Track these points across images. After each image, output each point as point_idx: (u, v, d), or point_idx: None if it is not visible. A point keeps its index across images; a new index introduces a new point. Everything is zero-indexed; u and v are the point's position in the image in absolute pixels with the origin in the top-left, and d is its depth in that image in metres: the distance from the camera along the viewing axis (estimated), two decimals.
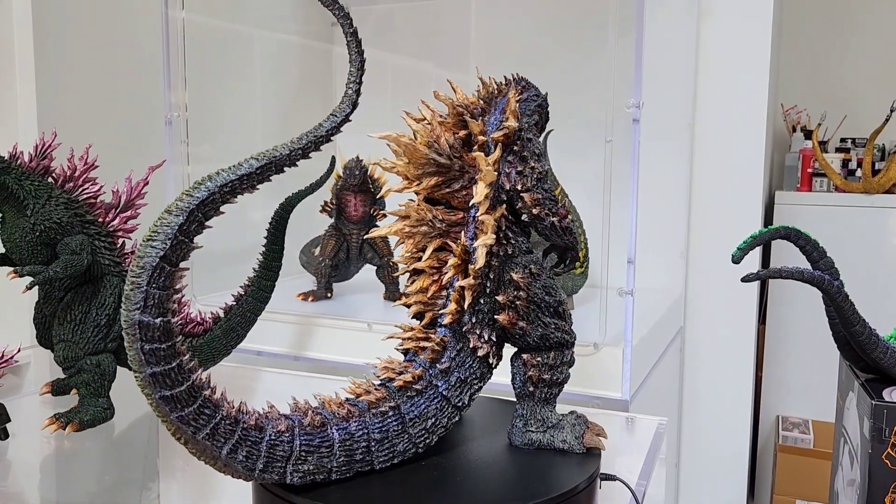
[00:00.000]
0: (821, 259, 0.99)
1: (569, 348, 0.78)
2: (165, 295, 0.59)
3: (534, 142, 0.78)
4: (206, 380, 0.63)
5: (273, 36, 1.90)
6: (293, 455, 0.66)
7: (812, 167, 2.40)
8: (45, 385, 1.08)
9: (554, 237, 0.80)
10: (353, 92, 0.68)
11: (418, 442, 0.72)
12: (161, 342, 0.59)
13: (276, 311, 1.34)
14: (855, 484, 0.94)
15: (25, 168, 0.96)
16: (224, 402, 0.63)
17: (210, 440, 0.62)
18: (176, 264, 0.59)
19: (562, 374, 0.78)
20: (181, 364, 0.60)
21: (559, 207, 0.78)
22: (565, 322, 0.77)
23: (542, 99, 0.84)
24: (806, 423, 2.24)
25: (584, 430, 0.77)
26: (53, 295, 1.00)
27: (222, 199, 0.62)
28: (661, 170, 1.80)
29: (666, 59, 1.75)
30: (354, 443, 0.68)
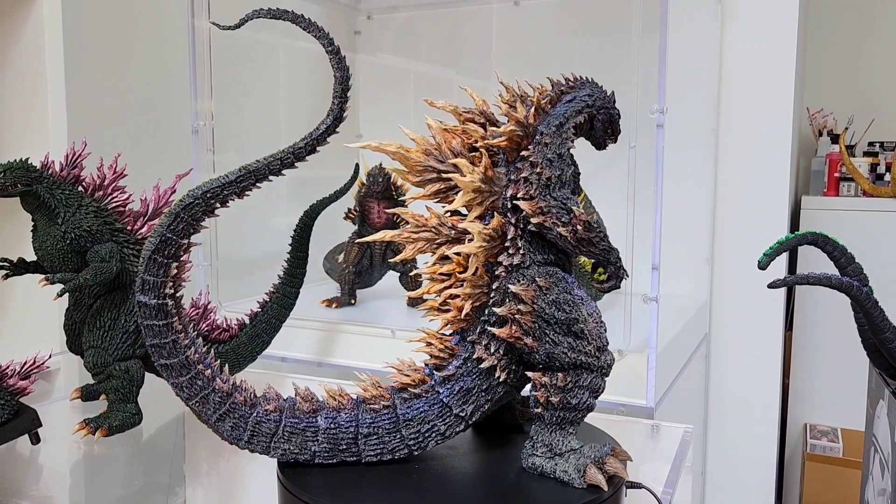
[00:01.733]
0: (849, 265, 0.98)
1: (588, 372, 0.72)
2: (159, 281, 0.71)
3: (552, 146, 0.74)
4: (210, 360, 0.74)
5: (297, 45, 1.92)
6: (277, 433, 0.73)
7: (839, 171, 2.36)
8: (75, 390, 1.10)
9: (571, 249, 0.75)
10: (336, 107, 0.74)
11: (411, 444, 0.74)
12: (157, 319, 0.72)
13: (300, 318, 1.35)
14: (886, 493, 0.93)
15: (56, 177, 0.97)
16: (219, 378, 0.74)
17: (200, 407, 0.73)
18: (168, 256, 0.71)
19: (576, 399, 0.71)
20: (177, 340, 0.73)
21: (573, 217, 0.73)
22: (585, 342, 0.71)
23: (595, 99, 0.79)
24: (835, 432, 2.20)
25: (588, 463, 0.70)
26: (83, 302, 1.02)
27: (206, 205, 0.72)
28: (686, 175, 1.79)
29: (690, 64, 1.74)
30: (341, 433, 0.73)
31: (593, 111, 0.79)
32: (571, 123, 0.77)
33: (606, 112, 0.80)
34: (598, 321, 0.73)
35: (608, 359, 0.73)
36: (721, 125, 1.89)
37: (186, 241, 0.72)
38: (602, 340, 0.73)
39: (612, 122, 0.81)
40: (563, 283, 0.73)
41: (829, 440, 2.15)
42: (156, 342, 0.72)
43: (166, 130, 1.76)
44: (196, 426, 1.18)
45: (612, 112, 0.80)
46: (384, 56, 2.06)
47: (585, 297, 0.74)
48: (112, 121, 1.66)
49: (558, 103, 0.77)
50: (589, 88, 0.80)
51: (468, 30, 1.97)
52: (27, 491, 0.92)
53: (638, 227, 1.26)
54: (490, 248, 0.73)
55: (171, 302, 0.72)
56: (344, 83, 0.74)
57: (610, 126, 0.81)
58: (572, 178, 0.76)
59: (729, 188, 1.90)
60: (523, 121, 0.74)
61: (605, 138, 0.82)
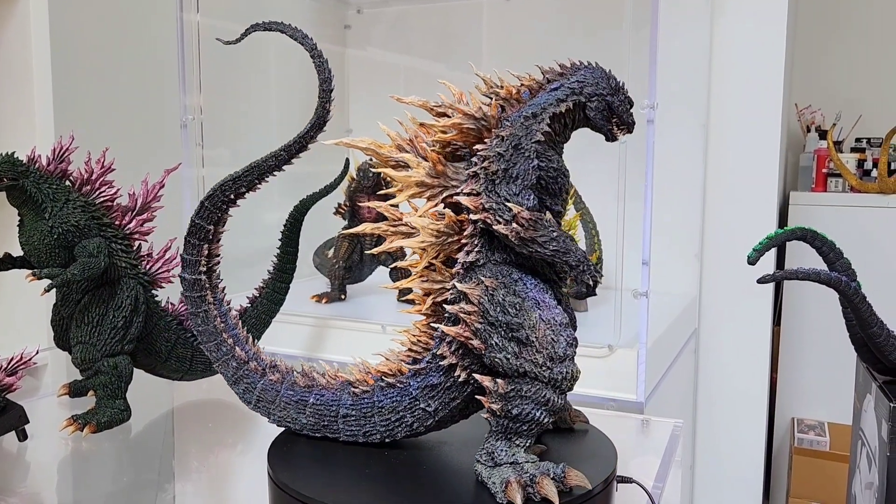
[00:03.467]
0: (837, 260, 0.98)
1: (532, 382, 0.67)
2: (194, 260, 0.85)
3: (510, 138, 0.71)
4: (236, 331, 0.87)
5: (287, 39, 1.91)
6: (276, 402, 0.82)
7: (827, 167, 2.38)
8: (63, 386, 1.09)
9: (517, 249, 0.70)
10: (323, 110, 0.82)
11: (382, 430, 0.77)
12: (193, 292, 0.86)
13: (290, 314, 1.34)
14: (873, 487, 0.94)
15: (43, 171, 0.97)
16: (238, 347, 0.85)
17: (222, 369, 0.86)
18: (200, 239, 0.85)
19: (517, 409, 0.67)
20: (208, 311, 0.86)
21: (515, 215, 0.69)
22: (531, 350, 0.67)
23: (584, 86, 0.73)
24: (822, 426, 2.22)
25: (511, 479, 0.66)
26: (71, 297, 1.01)
27: (223, 195, 0.84)
28: (676, 170, 1.79)
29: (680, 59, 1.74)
30: (326, 410, 0.79)
31: (581, 99, 0.73)
32: (548, 113, 0.72)
33: (601, 100, 0.73)
34: (556, 329, 0.68)
35: (563, 371, 0.68)
36: (710, 121, 1.90)
37: (212, 226, 0.85)
38: (555, 350, 0.68)
39: (612, 111, 0.74)
40: (514, 284, 0.70)
41: (817, 434, 2.17)
42: (192, 311, 0.86)
43: (154, 125, 1.74)
44: (185, 422, 1.18)
45: (609, 99, 0.73)
46: (374, 51, 2.06)
47: (545, 301, 0.69)
48: (100, 115, 1.65)
49: (541, 92, 0.74)
50: (581, 74, 0.74)
51: (459, 24, 1.96)
52: (14, 488, 0.91)
53: (628, 222, 1.27)
54: (444, 244, 0.72)
55: (204, 278, 0.86)
56: (328, 89, 0.82)
57: (612, 115, 0.74)
58: (531, 172, 0.71)
59: (718, 184, 1.90)
60: (473, 113, 0.72)
61: (609, 129, 0.75)
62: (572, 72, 0.74)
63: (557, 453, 0.77)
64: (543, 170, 0.72)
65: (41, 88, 1.32)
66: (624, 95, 0.75)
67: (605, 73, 0.75)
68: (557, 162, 0.73)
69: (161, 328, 1.07)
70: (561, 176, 0.73)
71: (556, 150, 0.74)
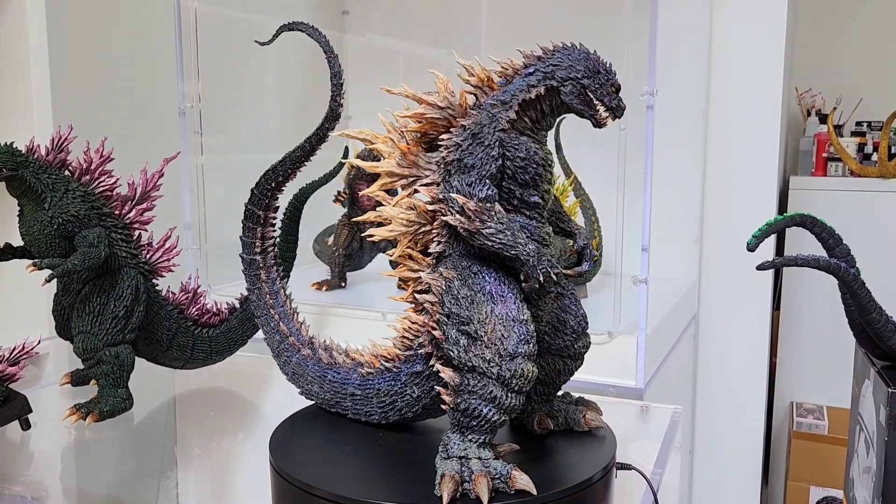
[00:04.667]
0: (836, 246, 0.98)
1: (481, 378, 0.66)
2: (249, 241, 0.94)
3: (470, 127, 0.69)
4: (285, 308, 0.93)
5: None
6: (305, 376, 0.87)
7: (827, 152, 2.37)
8: (65, 375, 1.10)
9: (469, 240, 0.69)
10: (335, 103, 0.91)
11: (379, 412, 0.80)
12: (249, 270, 0.95)
13: None
14: (871, 471, 0.94)
15: (43, 161, 0.96)
16: (282, 322, 0.91)
17: (268, 342, 0.93)
18: (254, 223, 0.94)
19: (465, 404, 0.66)
20: (261, 288, 0.94)
21: (462, 207, 0.67)
22: (480, 345, 0.66)
23: (557, 69, 0.70)
24: (820, 410, 2.23)
25: (447, 474, 0.65)
26: (72, 287, 1.01)
27: (266, 183, 0.92)
28: (675, 156, 1.79)
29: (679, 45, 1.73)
30: (339, 388, 0.83)
31: (553, 83, 0.70)
32: (518, 100, 0.71)
33: (575, 83, 0.70)
34: (508, 324, 0.66)
35: (513, 369, 0.65)
36: (710, 106, 1.89)
37: (262, 211, 0.93)
38: (505, 346, 0.66)
39: (589, 95, 0.70)
40: (471, 277, 0.69)
41: (815, 418, 2.18)
42: (248, 287, 0.95)
43: (153, 113, 1.74)
44: (187, 410, 1.19)
45: (584, 83, 0.69)
46: (372, 36, 2.04)
47: (502, 295, 0.68)
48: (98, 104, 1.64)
49: (516, 77, 0.72)
50: (557, 58, 0.71)
51: (458, 9, 1.95)
52: (18, 477, 0.92)
53: (627, 208, 1.26)
54: (417, 234, 0.73)
55: (259, 258, 0.94)
56: (340, 84, 0.91)
57: (591, 99, 0.70)
58: (489, 161, 0.69)
59: (718, 169, 1.90)
60: (438, 103, 0.71)
61: (591, 114, 0.71)
62: (550, 55, 0.71)
63: (556, 441, 0.77)
64: (509, 159, 0.70)
65: (39, 78, 1.31)
66: (605, 77, 0.70)
67: (582, 55, 0.71)
68: (528, 150, 0.70)
69: (162, 317, 1.07)
70: (532, 164, 0.70)
71: (535, 138, 0.72)
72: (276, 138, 1.89)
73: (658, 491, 0.81)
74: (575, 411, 0.80)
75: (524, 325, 0.67)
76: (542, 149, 0.72)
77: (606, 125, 0.72)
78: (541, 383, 0.77)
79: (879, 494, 0.89)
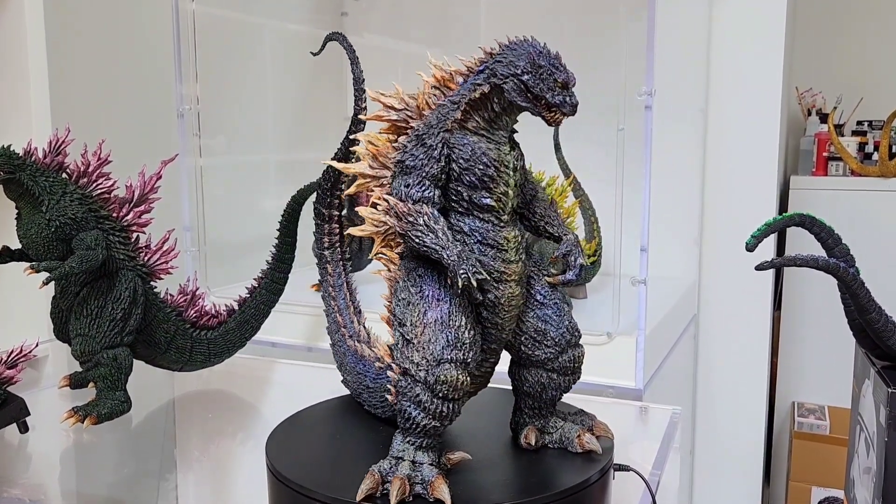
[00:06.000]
0: (836, 246, 0.98)
1: (411, 382, 0.66)
2: (318, 237, 1.00)
3: (417, 128, 0.69)
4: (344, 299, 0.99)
5: (284, 26, 1.90)
6: (344, 365, 0.91)
7: (828, 151, 2.36)
8: (64, 378, 1.10)
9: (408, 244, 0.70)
10: (357, 107, 0.98)
11: (380, 407, 0.84)
12: (319, 263, 1.01)
13: (290, 303, 1.34)
14: (871, 472, 0.94)
15: (40, 164, 0.96)
16: (337, 313, 0.97)
17: (328, 329, 0.98)
18: (322, 220, 1.00)
19: (400, 406, 0.66)
20: (326, 280, 1.00)
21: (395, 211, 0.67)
22: (410, 349, 0.66)
23: (499, 66, 0.68)
24: (822, 410, 2.22)
25: (375, 474, 0.65)
26: (69, 290, 1.01)
27: (325, 183, 0.99)
28: (674, 156, 1.78)
29: (678, 43, 1.73)
30: (361, 380, 0.87)
31: (496, 81, 0.68)
32: (466, 99, 0.69)
33: (515, 80, 0.67)
34: (437, 329, 0.66)
35: (438, 375, 0.65)
36: (710, 105, 1.89)
37: (326, 210, 0.99)
38: (432, 351, 0.65)
39: (530, 91, 0.67)
40: (414, 280, 0.69)
41: (817, 418, 2.17)
42: (319, 279, 1.01)
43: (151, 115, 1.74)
44: (186, 412, 1.19)
45: (523, 78, 0.67)
46: (371, 37, 2.04)
47: (440, 299, 0.67)
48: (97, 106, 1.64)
49: (471, 76, 0.71)
50: (503, 53, 0.69)
51: (457, 10, 1.95)
52: (17, 480, 0.92)
53: (626, 208, 1.26)
54: (387, 234, 0.72)
55: (327, 253, 0.99)
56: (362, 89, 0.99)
57: (534, 95, 0.67)
58: (431, 163, 0.68)
59: (717, 168, 1.89)
60: (394, 104, 0.72)
61: (537, 112, 0.68)
62: (499, 51, 0.69)
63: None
64: (453, 160, 0.69)
65: (37, 80, 1.31)
66: (547, 72, 0.67)
67: (525, 49, 0.68)
68: (474, 150, 0.69)
69: (160, 320, 1.07)
70: (479, 165, 0.69)
71: (491, 138, 0.70)
72: (274, 140, 1.89)
73: (657, 492, 0.81)
74: (570, 430, 0.76)
75: (455, 331, 0.66)
76: (497, 149, 0.70)
77: (558, 123, 0.69)
78: (528, 396, 0.76)
79: (880, 495, 0.89)
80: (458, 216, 0.71)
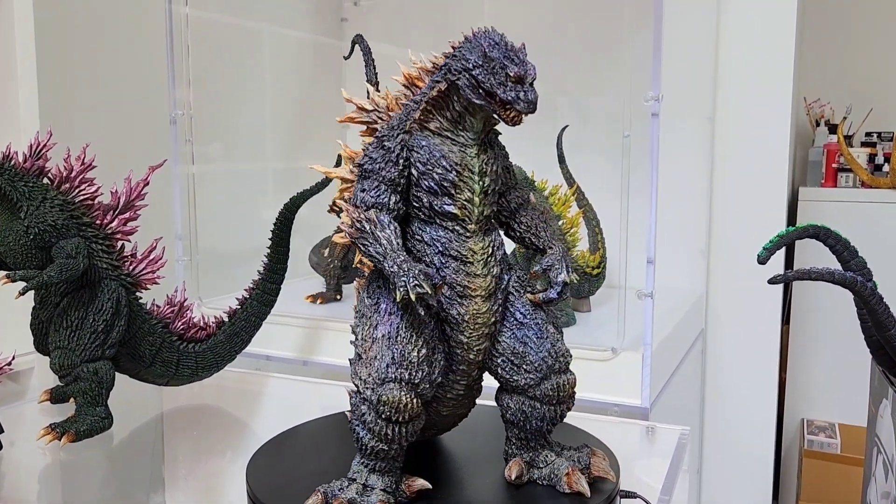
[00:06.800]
0: (852, 259, 0.94)
1: (358, 398, 0.62)
2: None
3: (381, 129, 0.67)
4: None
5: (281, 32, 1.87)
6: None
7: (837, 162, 2.33)
8: (45, 392, 1.06)
9: None
10: None
11: None
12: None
13: (284, 315, 1.31)
14: (890, 496, 0.89)
15: (19, 169, 0.93)
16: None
17: None
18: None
19: (354, 424, 0.63)
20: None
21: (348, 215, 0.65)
22: (361, 364, 0.63)
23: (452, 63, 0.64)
24: (832, 427, 2.17)
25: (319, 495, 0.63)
26: (49, 300, 0.97)
27: None
28: (681, 164, 1.74)
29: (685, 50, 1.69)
30: None
31: (450, 77, 0.64)
32: (426, 99, 0.66)
33: (467, 75, 0.62)
34: (385, 346, 0.62)
35: (381, 395, 0.61)
36: (717, 113, 1.85)
37: None
38: (378, 369, 0.61)
39: (481, 87, 0.62)
40: (373, 291, 0.66)
41: (827, 436, 2.12)
42: None
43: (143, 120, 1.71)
44: (175, 428, 1.14)
45: (474, 73, 0.62)
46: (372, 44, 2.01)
47: (393, 313, 0.63)
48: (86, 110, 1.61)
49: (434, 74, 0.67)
50: (459, 48, 0.65)
51: (459, 16, 1.91)
52: None
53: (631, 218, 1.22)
54: None
55: None
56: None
57: (486, 92, 0.62)
58: (388, 167, 0.65)
59: (725, 178, 1.85)
60: (364, 106, 0.69)
61: (494, 109, 0.62)
62: (459, 45, 0.65)
63: None
64: (413, 163, 0.65)
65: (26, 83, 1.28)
66: (498, 65, 0.62)
67: (479, 42, 0.63)
68: (432, 153, 0.65)
69: (145, 332, 1.03)
70: (438, 169, 0.64)
71: (455, 140, 0.65)
72: (271, 147, 1.85)
73: None
74: (560, 466, 0.69)
75: (401, 348, 0.62)
76: (461, 152, 0.65)
77: (516, 122, 0.63)
78: (513, 425, 0.70)
79: None
80: (420, 224, 0.66)
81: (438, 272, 0.64)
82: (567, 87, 1.49)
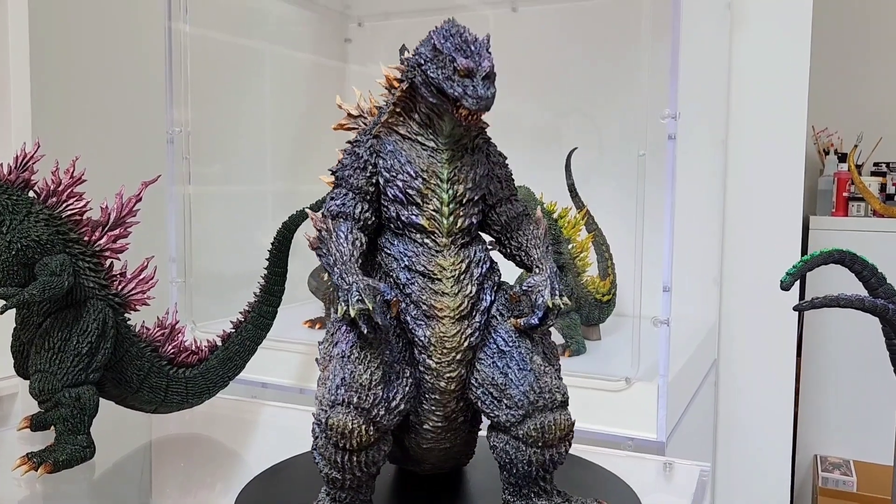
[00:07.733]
0: (880, 286, 0.90)
1: (315, 421, 0.58)
2: None
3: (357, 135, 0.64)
4: None
5: (284, 52, 1.84)
6: None
7: (848, 191, 2.30)
8: (24, 419, 1.00)
9: None
10: None
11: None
12: None
13: (281, 340, 1.26)
14: None
15: (3, 181, 0.88)
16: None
17: None
18: None
19: (315, 454, 0.59)
20: None
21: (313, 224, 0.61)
22: (322, 387, 0.58)
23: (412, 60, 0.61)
24: (847, 464, 2.10)
25: None
26: (31, 320, 0.91)
27: None
28: (693, 189, 1.70)
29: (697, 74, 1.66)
30: None
31: (409, 75, 0.61)
32: (392, 101, 0.62)
33: (420, 72, 0.59)
34: (340, 366, 0.57)
35: (330, 418, 0.56)
36: (730, 137, 1.81)
37: None
38: (330, 391, 0.57)
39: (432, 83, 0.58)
40: (349, 312, 0.59)
41: (843, 473, 2.04)
42: None
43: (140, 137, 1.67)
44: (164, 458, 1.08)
45: (424, 68, 0.58)
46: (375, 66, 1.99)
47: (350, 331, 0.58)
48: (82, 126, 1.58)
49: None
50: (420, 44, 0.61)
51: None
52: None
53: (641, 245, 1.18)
54: None
55: None
56: None
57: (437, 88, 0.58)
58: (354, 174, 0.61)
59: (738, 205, 1.81)
60: (351, 111, 0.67)
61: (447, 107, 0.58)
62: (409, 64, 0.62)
63: None
64: (380, 170, 0.61)
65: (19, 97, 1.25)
66: (447, 58, 0.58)
67: (432, 36, 0.60)
68: (399, 158, 0.60)
69: (133, 355, 0.97)
70: (404, 175, 0.60)
71: (425, 144, 0.61)
72: (271, 169, 1.81)
73: None
74: None
75: (352, 368, 0.57)
76: (429, 157, 0.60)
77: (469, 121, 0.58)
78: (501, 467, 0.63)
79: None
80: (389, 236, 0.62)
81: (403, 289, 0.59)
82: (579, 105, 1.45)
